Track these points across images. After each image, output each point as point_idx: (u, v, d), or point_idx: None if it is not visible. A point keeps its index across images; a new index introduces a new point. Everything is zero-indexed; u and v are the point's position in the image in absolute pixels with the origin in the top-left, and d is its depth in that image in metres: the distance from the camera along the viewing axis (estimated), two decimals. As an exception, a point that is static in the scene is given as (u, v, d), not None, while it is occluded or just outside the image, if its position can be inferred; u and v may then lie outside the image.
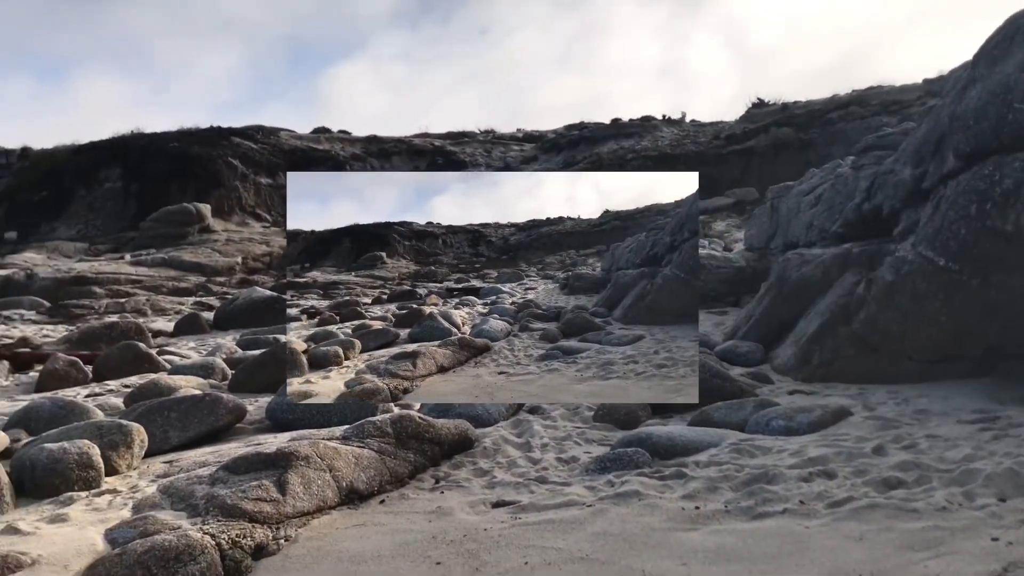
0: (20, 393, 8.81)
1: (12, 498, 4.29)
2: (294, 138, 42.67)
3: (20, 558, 3.41)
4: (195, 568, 3.28)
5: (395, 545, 3.58)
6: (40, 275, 23.42)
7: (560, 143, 41.21)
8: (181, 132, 40.95)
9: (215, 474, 4.21)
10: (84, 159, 41.22)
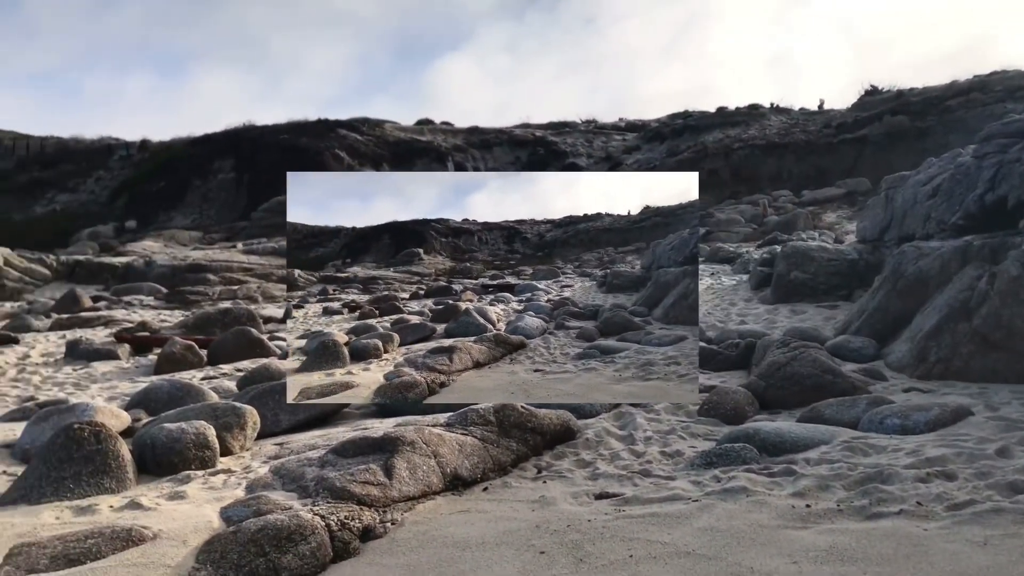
0: (139, 375, 9.24)
1: (134, 474, 4.49)
2: (398, 130, 43.33)
3: (143, 532, 3.56)
4: (306, 548, 3.37)
5: (499, 533, 3.59)
6: (158, 262, 24.45)
7: (664, 132, 40.66)
8: (290, 124, 42.09)
9: (324, 457, 4.31)
10: (199, 151, 42.86)
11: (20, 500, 4.17)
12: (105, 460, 4.39)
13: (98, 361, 10.03)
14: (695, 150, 35.48)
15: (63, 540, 3.53)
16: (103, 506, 4.02)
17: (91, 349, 10.42)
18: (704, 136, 37.35)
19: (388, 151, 39.79)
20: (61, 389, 8.48)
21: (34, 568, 3.32)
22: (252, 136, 41.53)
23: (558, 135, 43.71)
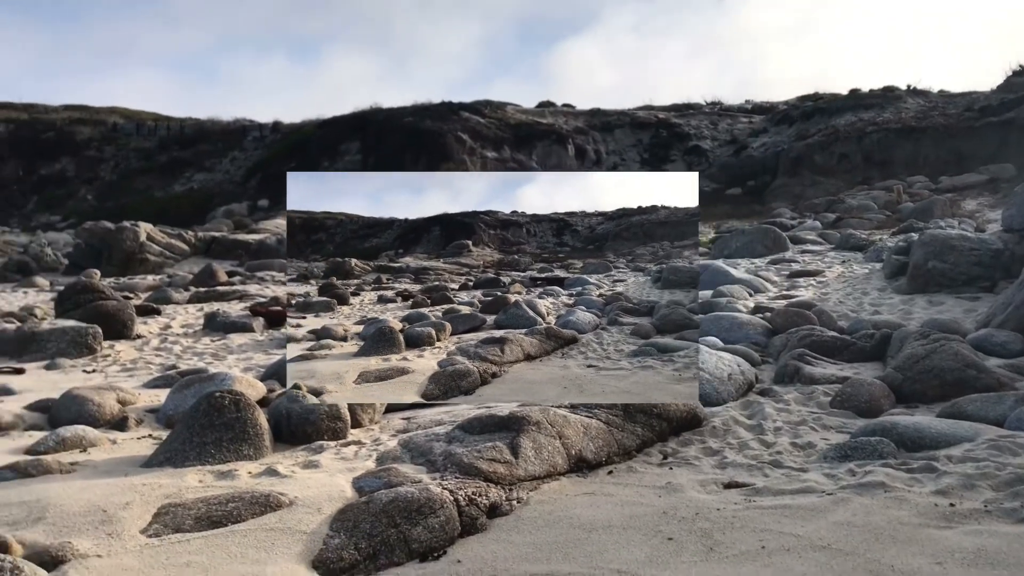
0: (273, 347, 9.60)
1: (270, 443, 4.67)
2: (519, 112, 43.47)
3: (280, 498, 3.70)
4: (435, 521, 3.43)
5: (625, 517, 3.57)
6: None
7: (792, 115, 39.38)
8: (415, 107, 42.79)
9: (451, 433, 4.37)
10: (327, 132, 44.09)
11: (166, 463, 4.40)
12: (244, 428, 4.58)
13: (234, 333, 10.49)
14: (825, 133, 34.25)
15: (206, 502, 3.70)
16: (242, 472, 4.19)
17: (227, 321, 10.89)
18: (835, 119, 36.00)
19: (509, 133, 39.98)
20: (200, 359, 8.90)
21: (180, 527, 3.49)
22: (378, 119, 42.42)
23: (682, 117, 42.96)
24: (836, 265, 13.81)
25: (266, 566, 3.14)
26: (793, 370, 6.37)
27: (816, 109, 38.61)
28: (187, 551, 3.27)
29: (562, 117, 43.10)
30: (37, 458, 4.59)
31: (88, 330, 9.27)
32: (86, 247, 24.89)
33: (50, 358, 8.87)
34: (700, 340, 7.38)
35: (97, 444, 5.16)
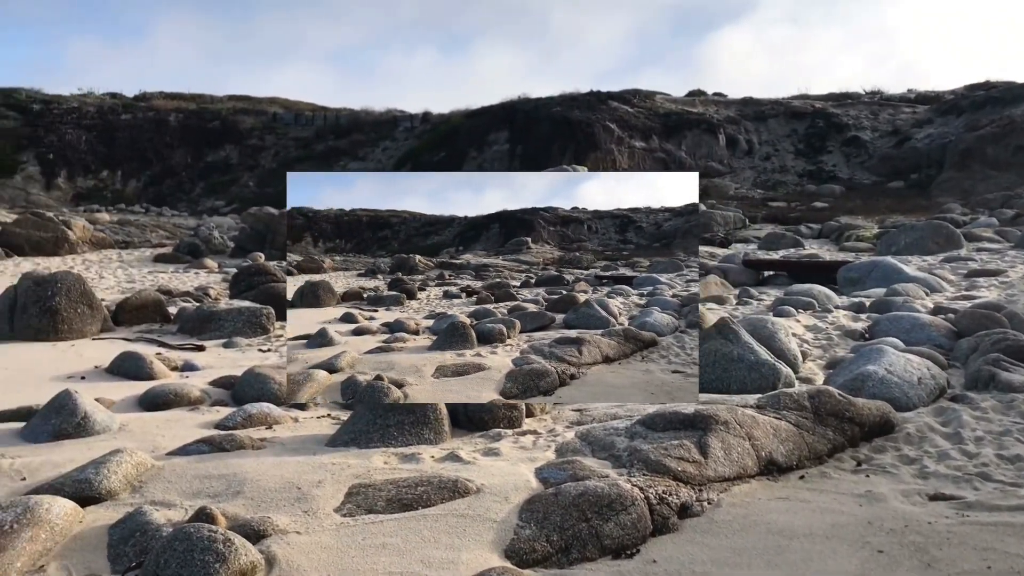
0: (434, 333, 9.76)
1: (449, 428, 4.70)
2: (669, 101, 42.78)
3: (467, 484, 3.71)
4: (626, 518, 3.34)
5: (827, 525, 3.39)
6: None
7: (961, 105, 37.11)
8: (563, 97, 42.76)
9: (633, 428, 4.28)
10: (476, 123, 44.65)
11: (351, 443, 4.50)
12: (425, 412, 4.63)
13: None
14: (1000, 124, 32.09)
15: (396, 484, 3.75)
16: (425, 456, 4.24)
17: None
18: (1010, 109, 33.68)
19: (658, 123, 39.41)
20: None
21: (372, 508, 3.55)
22: (526, 109, 42.64)
23: (839, 107, 41.23)
24: (1020, 265, 12.89)
25: (460, 552, 3.15)
26: (988, 376, 5.94)
27: (988, 99, 36.24)
28: (381, 532, 3.31)
29: (713, 106, 42.14)
30: (230, 433, 4.79)
31: (262, 311, 9.68)
32: (250, 231, 26.16)
33: (227, 336, 9.31)
34: (881, 341, 6.99)
35: (281, 422, 5.35)
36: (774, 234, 22.01)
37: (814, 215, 26.66)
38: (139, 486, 3.90)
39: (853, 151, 37.36)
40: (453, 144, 43.67)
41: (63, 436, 4.94)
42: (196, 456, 4.39)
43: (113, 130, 51.10)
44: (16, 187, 41.44)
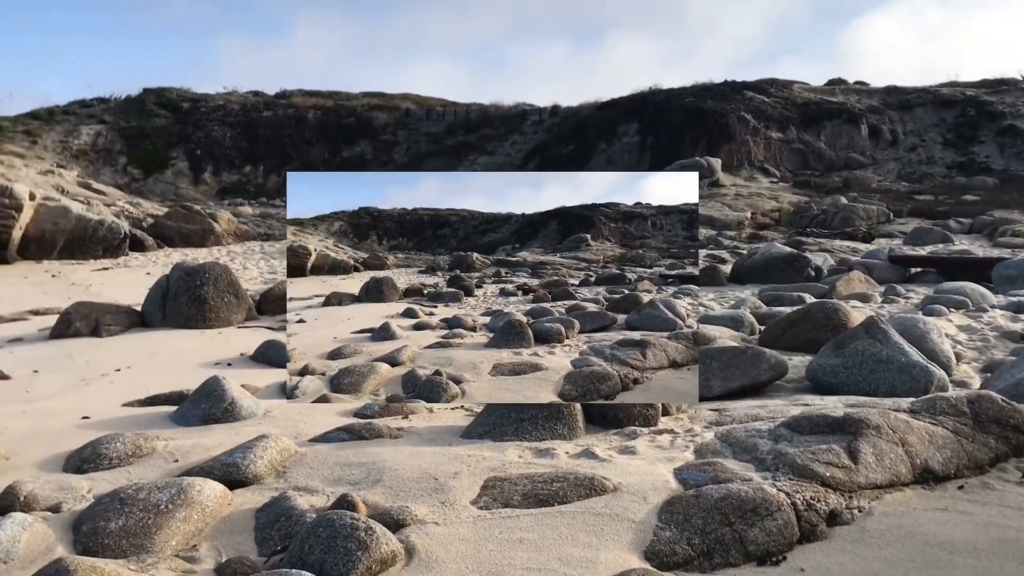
0: (565, 327, 9.72)
1: (583, 424, 4.64)
2: (807, 91, 41.32)
3: (604, 482, 3.64)
4: (772, 524, 3.21)
5: (992, 540, 3.16)
6: (569, 222, 25.77)
7: None
8: (696, 87, 41.95)
9: (776, 430, 4.12)
10: (605, 115, 44.37)
11: (485, 435, 4.50)
12: (558, 407, 4.59)
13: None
14: None
15: (531, 479, 3.72)
16: (560, 451, 4.19)
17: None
18: None
19: (796, 113, 38.12)
20: (498, 335, 9.19)
21: (508, 503, 3.53)
22: (657, 100, 42.04)
23: (994, 94, 38.84)
24: None
25: (598, 551, 3.09)
26: None
27: None
28: (518, 527, 3.29)
29: (854, 95, 40.44)
30: (368, 421, 4.89)
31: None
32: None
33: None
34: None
35: (416, 412, 5.42)
36: (921, 229, 20.96)
37: (964, 209, 25.25)
38: (283, 471, 4.02)
39: (1008, 141, 35.14)
40: (582, 137, 43.52)
41: (212, 421, 5.16)
42: (337, 443, 4.49)
43: (255, 127, 53.33)
44: (167, 182, 43.82)
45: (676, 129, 37.88)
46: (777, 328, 7.77)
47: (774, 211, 28.50)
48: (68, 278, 22.11)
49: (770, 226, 26.65)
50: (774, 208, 28.96)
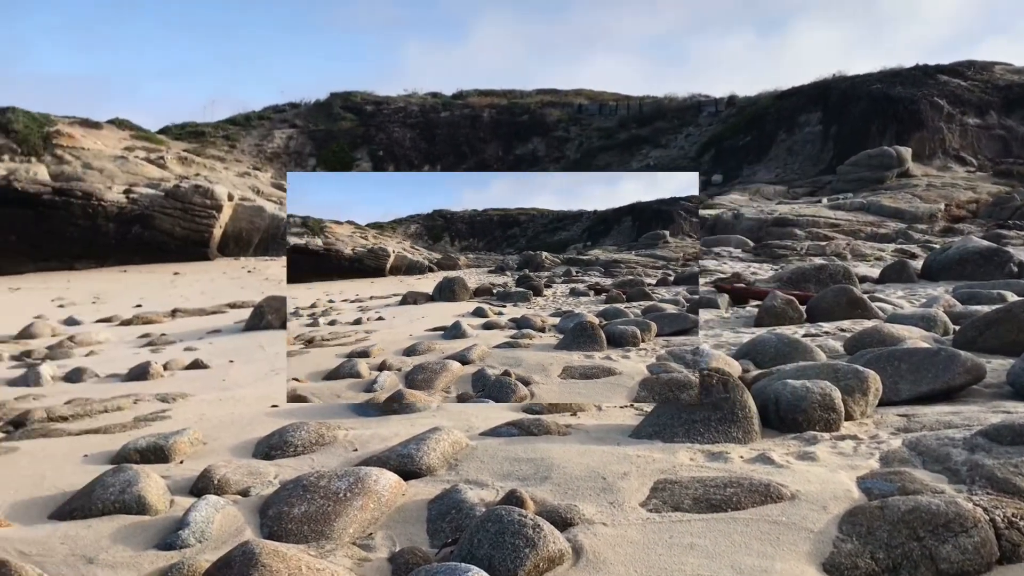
0: (740, 325, 9.44)
1: (758, 427, 4.48)
2: (1010, 72, 38.32)
3: (780, 489, 3.49)
4: (968, 541, 2.97)
5: None
6: (745, 216, 25.05)
7: None
8: (883, 73, 39.78)
9: (973, 439, 3.82)
10: (785, 104, 42.83)
11: (655, 436, 4.42)
12: (733, 409, 4.44)
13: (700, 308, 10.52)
14: None
15: (703, 483, 3.61)
16: (733, 455, 4.06)
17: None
18: None
19: (997, 96, 35.48)
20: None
21: (679, 506, 3.44)
22: (841, 87, 40.19)
23: None
24: None
25: (774, 561, 2.95)
26: None
27: None
28: (689, 532, 3.20)
29: (1067, 75, 37.18)
30: (537, 418, 4.91)
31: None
32: (556, 220, 26.96)
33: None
34: None
35: (585, 410, 5.40)
36: None
37: None
38: (455, 464, 4.09)
39: None
40: (760, 127, 42.22)
41: (389, 412, 5.34)
42: (506, 438, 4.53)
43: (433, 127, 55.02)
44: (352, 181, 45.96)
45: (861, 117, 36.07)
46: (974, 328, 7.21)
47: (970, 202, 26.61)
48: (262, 273, 23.59)
49: (966, 218, 24.89)
50: (971, 199, 27.04)
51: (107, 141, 36.07)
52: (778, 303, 9.33)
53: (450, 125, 55.07)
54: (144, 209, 32.35)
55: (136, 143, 37.24)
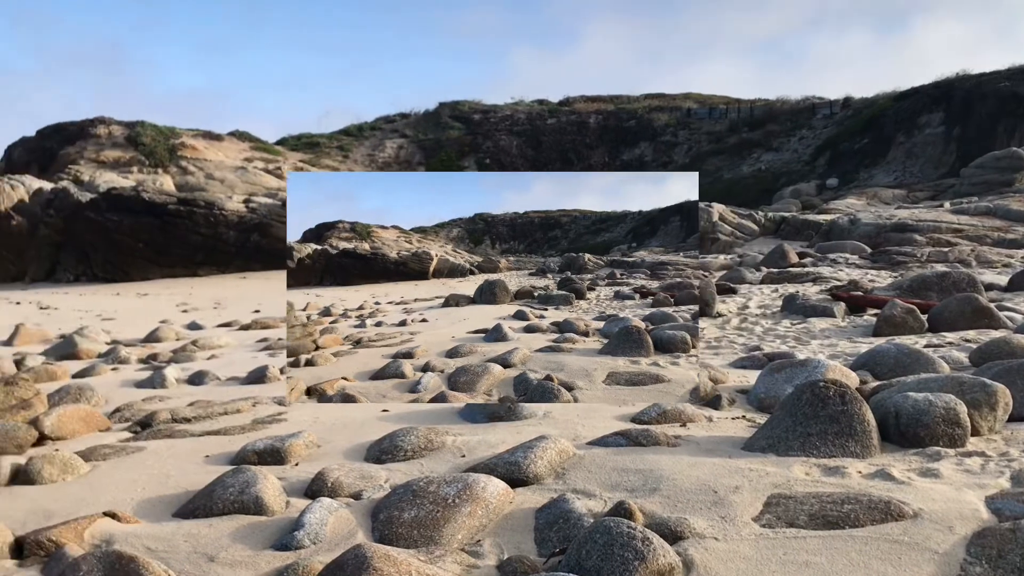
0: (857, 335, 9.11)
1: (878, 441, 4.31)
2: None
3: (902, 507, 3.35)
4: (1110, 570, 2.78)
5: None
6: (862, 221, 24.19)
7: None
8: (1013, 70, 37.83)
9: (1115, 460, 3.57)
10: (905, 104, 41.26)
11: (768, 449, 4.30)
12: (850, 422, 4.28)
13: (814, 317, 10.21)
14: None
15: (819, 499, 3.50)
16: (851, 470, 3.91)
17: (807, 305, 10.65)
18: None
19: None
20: (783, 342, 8.80)
21: (793, 522, 3.34)
22: (966, 86, 38.43)
23: None
24: None
25: (894, 583, 2.83)
26: None
27: None
28: (804, 549, 3.10)
29: None
30: (646, 428, 4.84)
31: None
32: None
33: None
34: None
35: (695, 420, 5.30)
36: None
37: None
38: (562, 473, 4.08)
39: None
40: (878, 129, 40.81)
41: (496, 419, 5.37)
42: (614, 448, 4.49)
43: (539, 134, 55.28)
44: (459, 190, 46.91)
45: (988, 117, 34.42)
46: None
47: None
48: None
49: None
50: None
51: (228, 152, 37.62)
52: (898, 312, 8.96)
53: (556, 132, 55.19)
54: (262, 218, 33.62)
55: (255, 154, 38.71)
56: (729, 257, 21.75)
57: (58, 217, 33.77)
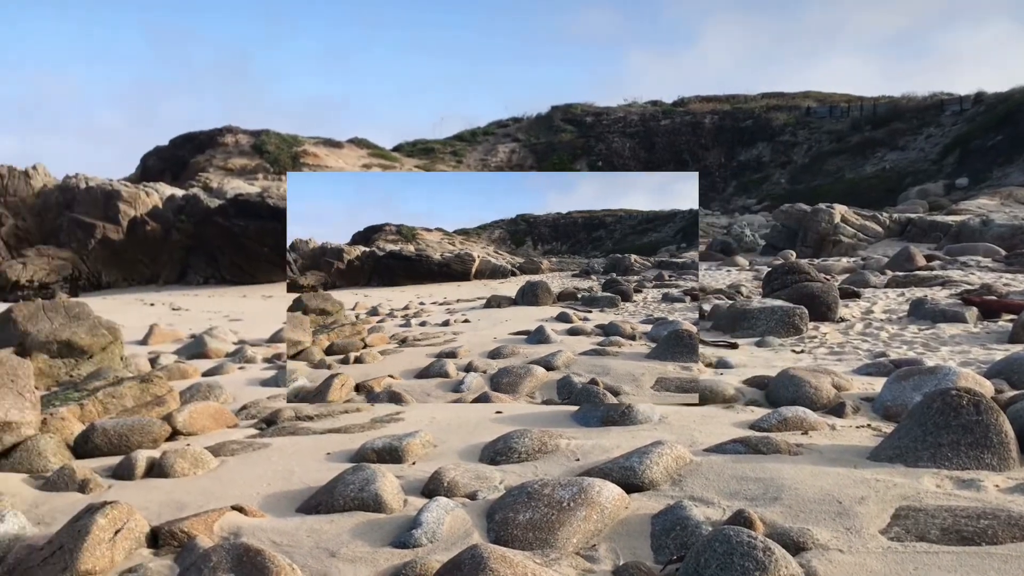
0: (991, 342, 8.67)
1: (1017, 454, 4.07)
2: None
3: (1045, 525, 3.15)
4: None
5: None
6: (995, 222, 23.00)
7: None
8: None
9: None
10: (1045, 100, 38.99)
11: (896, 459, 4.13)
12: (986, 433, 4.07)
13: (943, 322, 9.74)
14: None
15: (952, 513, 3.34)
16: (987, 483, 3.72)
17: (936, 309, 10.17)
18: None
19: None
20: (910, 348, 8.44)
21: (924, 536, 3.19)
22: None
23: None
24: None
25: (1039, 606, 2.67)
26: None
27: None
28: (935, 565, 2.96)
29: None
30: (766, 435, 4.72)
31: (795, 310, 9.48)
32: (781, 228, 25.96)
33: (759, 335, 9.30)
34: None
35: (817, 428, 5.13)
36: None
37: None
38: (678, 479, 4.01)
39: None
40: (1014, 125, 38.70)
41: (610, 423, 5.33)
42: (732, 455, 4.39)
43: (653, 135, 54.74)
44: (574, 193, 47.09)
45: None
46: None
47: None
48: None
49: None
50: None
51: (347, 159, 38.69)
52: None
53: (670, 133, 54.56)
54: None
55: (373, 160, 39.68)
56: (852, 260, 21.02)
57: (189, 222, 35.44)
